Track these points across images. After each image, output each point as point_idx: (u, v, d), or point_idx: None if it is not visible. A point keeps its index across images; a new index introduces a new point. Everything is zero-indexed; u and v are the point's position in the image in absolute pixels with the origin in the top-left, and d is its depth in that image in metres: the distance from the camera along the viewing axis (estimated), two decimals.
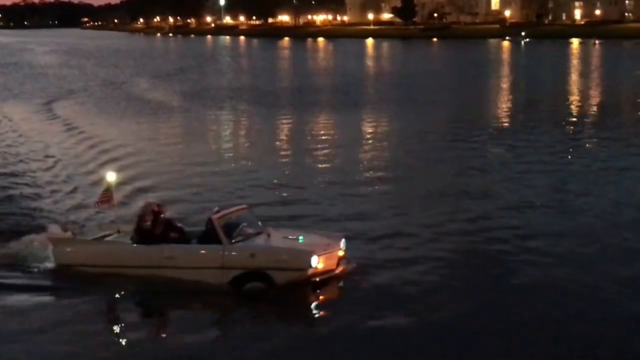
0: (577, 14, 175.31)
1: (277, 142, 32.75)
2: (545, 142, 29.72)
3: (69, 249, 14.98)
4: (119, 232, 15.47)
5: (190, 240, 14.52)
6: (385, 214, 18.99)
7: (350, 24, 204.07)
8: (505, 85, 58.72)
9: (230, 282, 13.74)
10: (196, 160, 27.02)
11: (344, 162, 26.63)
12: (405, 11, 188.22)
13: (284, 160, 27.66)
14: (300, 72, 74.33)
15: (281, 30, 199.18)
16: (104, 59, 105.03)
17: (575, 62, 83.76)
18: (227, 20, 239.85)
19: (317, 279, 13.68)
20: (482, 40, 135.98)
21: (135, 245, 14.51)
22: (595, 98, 47.68)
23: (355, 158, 27.55)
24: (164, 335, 12.72)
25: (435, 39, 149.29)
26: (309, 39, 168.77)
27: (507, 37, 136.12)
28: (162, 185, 22.56)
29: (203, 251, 14.10)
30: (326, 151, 28.92)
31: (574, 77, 64.25)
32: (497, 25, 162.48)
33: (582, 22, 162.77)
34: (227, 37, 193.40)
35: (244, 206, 15.27)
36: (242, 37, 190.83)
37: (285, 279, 13.57)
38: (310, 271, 13.61)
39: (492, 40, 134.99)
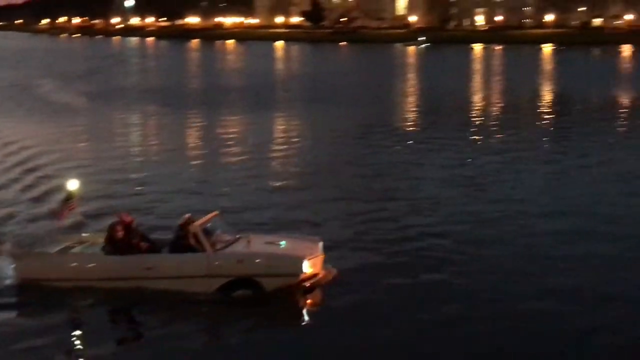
0: (480, 19, 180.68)
1: (186, 144, 32.98)
2: (447, 141, 31.12)
3: (33, 263, 13.97)
4: (81, 242, 14.76)
5: (161, 249, 14.11)
6: (307, 217, 19.00)
7: (259, 27, 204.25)
8: (407, 87, 60.37)
9: (216, 291, 13.39)
10: (104, 162, 27.08)
11: (257, 163, 27.05)
12: (314, 15, 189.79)
13: (193, 162, 27.88)
14: (210, 74, 74.32)
15: (190, 32, 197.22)
16: (6, 59, 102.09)
17: (476, 66, 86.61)
18: (135, 21, 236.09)
19: (307, 284, 13.53)
20: (388, 44, 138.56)
21: (109, 256, 13.85)
22: (493, 100, 49.64)
23: (267, 158, 27.99)
24: (143, 349, 12.26)
25: (343, 43, 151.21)
26: (219, 41, 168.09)
27: (406, 42, 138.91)
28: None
29: (186, 260, 13.60)
30: (236, 152, 29.43)
31: (474, 80, 66.61)
32: (404, 30, 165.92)
33: (485, 28, 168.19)
34: (135, 38, 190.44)
35: (215, 212, 14.70)
36: (150, 39, 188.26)
37: (275, 285, 13.32)
38: (301, 276, 13.43)
39: (398, 45, 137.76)
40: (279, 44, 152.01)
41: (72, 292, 13.64)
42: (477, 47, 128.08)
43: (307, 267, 13.53)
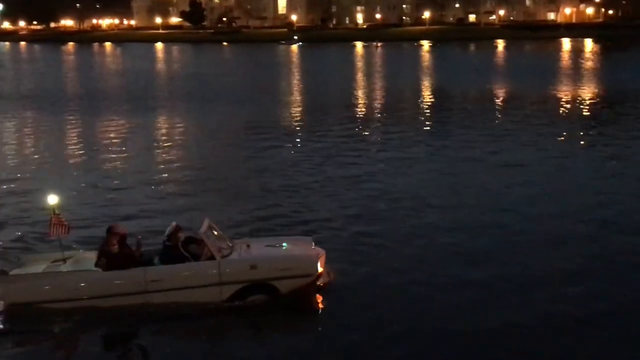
0: (360, 18, 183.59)
1: (67, 151, 31.66)
2: (333, 138, 31.24)
3: (22, 285, 12.92)
4: (64, 260, 13.64)
5: (152, 260, 13.33)
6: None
7: (138, 28, 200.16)
8: (289, 85, 60.50)
9: (228, 298, 12.93)
10: None
11: (143, 167, 26.38)
12: (194, 15, 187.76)
13: (75, 170, 26.87)
14: (88, 77, 72.07)
15: (65, 36, 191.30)
16: None
17: (358, 63, 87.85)
18: (5, 25, 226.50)
19: (320, 284, 13.44)
20: (270, 43, 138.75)
21: (109, 272, 12.95)
22: (376, 96, 50.36)
23: (154, 162, 27.32)
24: None
25: (225, 43, 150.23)
26: (96, 44, 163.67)
27: (281, 41, 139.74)
28: None
29: (194, 269, 13.02)
30: (120, 157, 28.53)
31: (356, 77, 67.41)
32: (285, 29, 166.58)
33: (365, 26, 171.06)
34: (6, 43, 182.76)
35: (208, 219, 13.83)
36: (22, 43, 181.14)
37: (291, 287, 13.05)
38: (315, 276, 13.30)
39: (280, 43, 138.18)
40: (159, 46, 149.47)
41: (71, 313, 12.73)
42: (359, 45, 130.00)
43: (320, 267, 13.48)
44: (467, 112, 39.92)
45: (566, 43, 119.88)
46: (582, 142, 29.51)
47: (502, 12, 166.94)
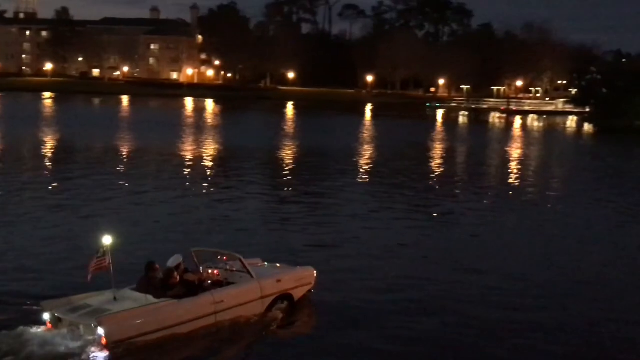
0: None
1: None
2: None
3: (122, 321, 13.43)
4: (115, 299, 14.09)
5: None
6: None
7: None
8: None
9: (266, 309, 15.36)
10: None
11: None
12: None
13: None
14: None
15: None
16: None
17: None
18: None
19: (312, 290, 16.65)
20: None
21: (183, 300, 14.21)
22: None
23: None
24: None
25: None
26: None
27: None
28: None
29: (244, 288, 15.13)
30: None
31: None
32: None
33: None
34: None
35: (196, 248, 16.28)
36: None
37: (300, 294, 16.21)
38: (313, 284, 16.64)
39: None
40: None
41: (163, 343, 13.66)
42: None
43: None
44: (91, 163, 40.09)
45: (189, 102, 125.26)
46: (203, 192, 31.48)
47: (126, 69, 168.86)
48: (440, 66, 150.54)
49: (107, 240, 14.03)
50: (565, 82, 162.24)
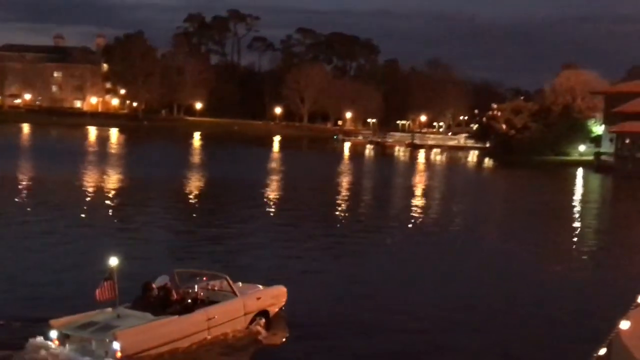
0: None
1: None
2: None
3: (134, 336, 14.19)
4: (118, 316, 14.72)
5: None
6: None
7: None
8: None
9: (248, 325, 16.41)
10: None
11: None
12: None
13: None
14: None
15: None
16: None
17: None
18: None
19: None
20: None
21: (183, 316, 15.12)
22: None
23: None
24: None
25: None
26: None
27: None
28: None
29: (231, 305, 16.17)
30: None
31: None
32: None
33: None
34: None
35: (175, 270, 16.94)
36: None
37: (274, 311, 17.38)
38: (284, 302, 17.81)
39: None
40: None
41: (167, 357, 14.48)
42: None
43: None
44: None
45: (93, 130, 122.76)
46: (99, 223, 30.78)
47: (28, 97, 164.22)
48: (347, 100, 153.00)
49: (113, 261, 14.57)
50: (467, 117, 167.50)
